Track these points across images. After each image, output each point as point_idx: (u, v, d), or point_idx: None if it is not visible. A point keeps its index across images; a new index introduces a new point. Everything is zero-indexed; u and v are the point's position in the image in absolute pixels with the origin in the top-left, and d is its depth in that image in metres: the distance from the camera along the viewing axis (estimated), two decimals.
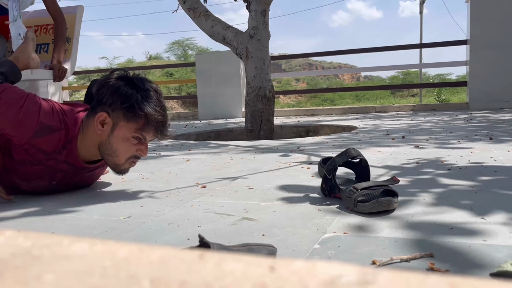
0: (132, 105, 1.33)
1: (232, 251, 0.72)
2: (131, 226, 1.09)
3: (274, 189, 1.42)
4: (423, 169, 1.61)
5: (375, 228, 0.96)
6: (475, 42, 5.20)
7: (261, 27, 3.68)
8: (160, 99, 1.40)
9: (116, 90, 1.34)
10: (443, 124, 3.52)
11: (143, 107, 1.33)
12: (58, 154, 1.40)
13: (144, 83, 1.38)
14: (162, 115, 1.38)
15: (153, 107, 1.35)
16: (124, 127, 1.35)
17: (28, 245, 0.23)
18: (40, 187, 1.48)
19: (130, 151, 1.38)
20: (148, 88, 1.37)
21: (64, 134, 1.38)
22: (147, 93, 1.35)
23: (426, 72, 23.97)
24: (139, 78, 1.40)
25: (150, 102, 1.35)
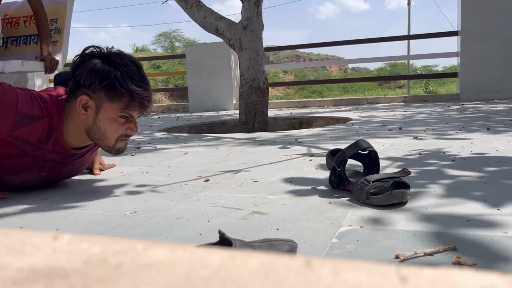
0: (113, 83, 1.24)
1: (255, 248, 0.70)
2: (138, 221, 1.06)
3: (279, 182, 1.39)
4: (427, 160, 1.61)
5: (391, 221, 0.94)
6: (466, 33, 5.23)
7: (255, 18, 3.64)
8: (141, 72, 1.30)
9: (93, 69, 1.25)
10: (436, 115, 3.53)
11: (125, 84, 1.24)
12: (44, 144, 1.33)
13: (122, 58, 1.28)
14: (145, 89, 1.29)
15: (136, 82, 1.26)
16: (109, 107, 1.27)
17: (97, 252, 0.21)
18: (30, 180, 1.42)
19: (119, 131, 1.31)
20: (127, 62, 1.27)
21: (47, 122, 1.30)
22: (127, 68, 1.26)
23: (413, 64, 24.15)
24: (115, 53, 1.30)
25: (132, 77, 1.26)
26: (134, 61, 1.30)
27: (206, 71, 6.42)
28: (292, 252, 0.74)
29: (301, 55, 40.08)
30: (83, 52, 1.31)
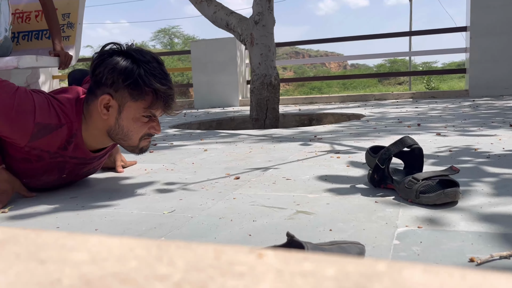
0: (136, 81, 1.18)
1: (326, 251, 0.66)
2: (179, 221, 1.02)
3: (314, 179, 1.36)
4: (460, 158, 1.57)
5: (448, 221, 0.90)
6: (475, 28, 5.18)
7: (266, 13, 3.59)
8: (164, 69, 1.25)
9: (115, 67, 1.19)
10: (450, 112, 3.49)
11: (149, 82, 1.19)
12: (63, 150, 1.27)
13: (144, 55, 1.22)
14: (169, 87, 1.23)
15: (159, 80, 1.21)
16: (132, 106, 1.22)
17: (337, 274, 0.17)
18: (49, 182, 1.37)
19: (142, 130, 1.26)
20: (149, 59, 1.22)
21: (66, 129, 1.24)
22: (150, 65, 1.20)
23: (413, 60, 24.11)
24: (137, 50, 1.24)
25: (155, 74, 1.20)
26: (156, 58, 1.25)
27: (211, 67, 6.37)
28: (361, 255, 0.70)
29: (300, 52, 40.03)
30: (103, 49, 1.24)
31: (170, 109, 1.27)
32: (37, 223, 1.07)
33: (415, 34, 6.93)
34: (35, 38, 2.71)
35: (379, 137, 2.25)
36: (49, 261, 0.21)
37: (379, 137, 2.25)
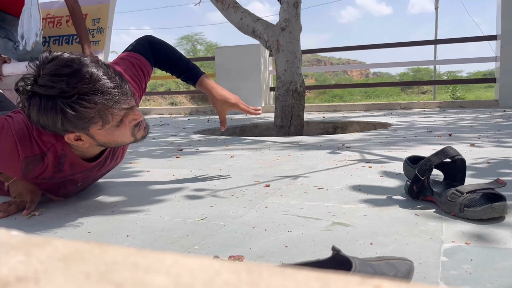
0: (69, 121, 1.01)
1: (374, 267, 0.62)
2: (211, 229, 0.99)
3: (347, 189, 1.31)
4: (500, 170, 1.50)
5: (498, 238, 0.85)
6: (506, 37, 5.05)
7: (293, 20, 3.57)
8: (79, 74, 0.99)
9: (41, 114, 1.00)
10: (481, 122, 3.39)
11: (81, 113, 1.00)
12: (59, 172, 1.20)
13: (52, 80, 0.98)
14: (105, 101, 1.01)
15: (91, 101, 1.00)
16: (94, 131, 1.07)
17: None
18: (71, 192, 1.34)
19: (126, 132, 1.12)
20: (60, 84, 0.98)
21: (51, 154, 1.15)
22: (67, 93, 0.98)
23: (437, 69, 23.72)
24: (45, 76, 0.99)
25: (82, 99, 0.99)
26: (71, 71, 0.99)
27: (235, 74, 6.38)
28: (411, 273, 0.66)
29: (322, 59, 39.91)
30: (18, 91, 1.03)
31: (128, 103, 1.08)
32: (68, 227, 1.05)
33: (442, 42, 6.80)
34: (65, 43, 2.75)
35: (409, 146, 2.19)
36: (126, 285, 0.18)
37: (410, 146, 2.19)
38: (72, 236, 0.98)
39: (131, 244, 0.92)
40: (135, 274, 0.19)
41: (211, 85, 1.51)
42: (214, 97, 1.51)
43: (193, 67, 1.51)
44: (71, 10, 2.48)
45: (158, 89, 19.06)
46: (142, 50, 1.43)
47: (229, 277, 0.19)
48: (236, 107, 1.52)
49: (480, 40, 5.67)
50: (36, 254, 0.22)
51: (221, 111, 1.54)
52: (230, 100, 1.52)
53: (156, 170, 1.78)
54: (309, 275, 0.18)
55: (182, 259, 0.21)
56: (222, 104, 1.52)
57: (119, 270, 0.19)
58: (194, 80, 1.50)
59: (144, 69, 1.41)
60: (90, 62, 1.02)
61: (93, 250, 0.22)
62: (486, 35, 5.56)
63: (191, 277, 0.19)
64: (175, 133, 3.54)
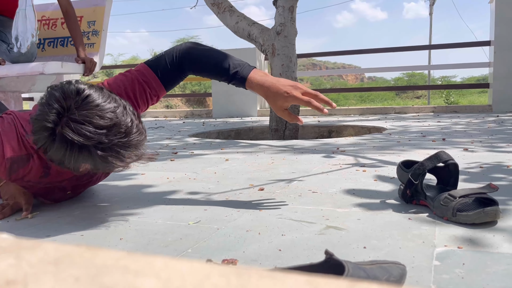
0: (97, 163, 0.97)
1: (367, 271, 0.62)
2: (205, 232, 0.99)
3: (341, 193, 1.32)
4: (492, 175, 1.51)
5: (490, 243, 0.86)
6: (499, 43, 5.09)
7: (289, 24, 3.58)
8: (122, 130, 0.97)
9: (68, 155, 0.95)
10: (475, 127, 3.41)
11: (113, 164, 0.98)
12: (45, 177, 1.18)
13: (88, 129, 0.93)
14: (137, 155, 1.01)
15: (125, 155, 0.98)
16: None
17: None
18: (59, 199, 1.31)
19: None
20: (97, 134, 0.93)
21: (37, 158, 1.13)
22: (103, 143, 0.94)
23: (431, 74, 23.84)
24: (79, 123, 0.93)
25: (117, 151, 0.96)
26: (110, 123, 0.95)
27: None
28: (403, 277, 0.66)
29: (318, 64, 40.00)
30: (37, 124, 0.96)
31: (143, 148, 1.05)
32: (61, 230, 1.05)
33: (436, 47, 6.84)
34: (60, 45, 2.74)
35: (404, 151, 2.19)
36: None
37: (404, 151, 2.19)
38: (65, 239, 0.98)
39: (124, 247, 0.92)
40: (125, 278, 0.19)
41: (258, 81, 1.18)
42: (265, 96, 1.18)
43: (235, 72, 1.21)
44: (64, 12, 2.47)
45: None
46: (163, 67, 1.25)
47: (218, 281, 0.19)
48: (291, 100, 1.14)
49: (474, 46, 5.71)
50: (27, 257, 0.22)
51: (277, 110, 1.18)
52: (280, 92, 1.15)
53: (151, 173, 1.78)
54: (299, 279, 0.18)
55: (173, 262, 0.21)
56: (275, 101, 1.16)
57: (109, 274, 0.20)
58: (242, 85, 1.22)
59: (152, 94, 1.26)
60: (121, 109, 0.98)
61: (84, 253, 0.22)
62: (480, 41, 5.61)
63: (181, 281, 0.19)
64: (170, 136, 3.53)
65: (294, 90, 1.14)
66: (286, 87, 1.15)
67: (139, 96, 1.23)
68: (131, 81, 1.22)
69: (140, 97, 1.23)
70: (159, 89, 1.26)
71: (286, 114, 1.18)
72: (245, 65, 1.22)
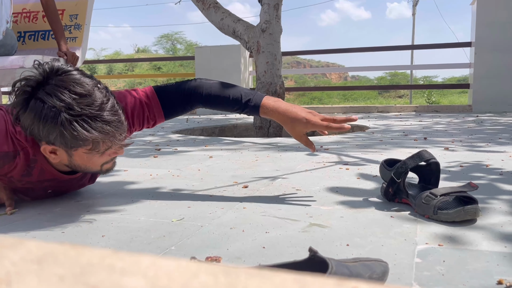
0: (63, 136, 0.98)
1: (350, 269, 0.62)
2: (189, 230, 0.98)
3: (325, 191, 1.33)
4: (472, 174, 1.54)
5: (469, 240, 0.87)
6: (480, 44, 5.19)
7: (274, 21, 3.58)
8: (96, 103, 0.98)
9: (37, 120, 0.97)
10: (455, 126, 3.47)
11: (78, 133, 0.97)
12: (28, 176, 1.16)
13: (62, 93, 0.96)
14: (106, 131, 1.00)
15: (93, 127, 0.98)
16: (77, 152, 1.04)
17: None
18: (40, 197, 1.29)
19: (101, 160, 1.09)
20: (69, 99, 0.96)
21: (23, 156, 1.11)
22: (77, 108, 0.96)
23: (414, 74, 24.16)
24: (55, 86, 0.96)
25: (85, 121, 0.97)
26: (86, 92, 0.98)
27: (215, 74, 6.36)
28: (386, 274, 0.67)
29: (302, 62, 40.13)
30: (16, 91, 1.00)
31: (120, 145, 1.08)
32: (41, 227, 1.03)
33: (419, 48, 6.94)
34: (41, 38, 2.69)
35: (386, 149, 2.22)
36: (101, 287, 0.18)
37: (386, 149, 2.22)
38: (45, 237, 0.96)
39: (107, 244, 0.91)
40: (111, 277, 0.19)
41: (273, 107, 1.20)
42: (282, 122, 1.20)
43: (247, 100, 1.22)
44: (44, 5, 2.42)
45: (136, 87, 18.84)
46: (169, 96, 1.25)
47: (206, 279, 0.18)
48: (310, 126, 1.17)
49: (455, 47, 5.81)
50: (9, 255, 0.21)
51: (295, 135, 1.21)
52: (299, 118, 1.17)
53: (133, 170, 1.76)
54: (287, 277, 0.18)
55: (159, 261, 0.21)
56: (294, 127, 1.19)
57: (94, 273, 0.19)
58: (256, 113, 1.23)
59: (149, 118, 1.26)
60: (101, 88, 1.02)
61: (68, 252, 0.22)
62: (461, 42, 5.70)
63: (168, 279, 0.19)
64: (153, 132, 3.50)
65: (313, 116, 1.18)
66: (304, 113, 1.19)
67: (136, 116, 1.23)
68: (134, 99, 1.23)
69: (137, 117, 1.23)
70: (158, 115, 1.26)
71: (304, 140, 1.22)
72: (256, 93, 1.25)
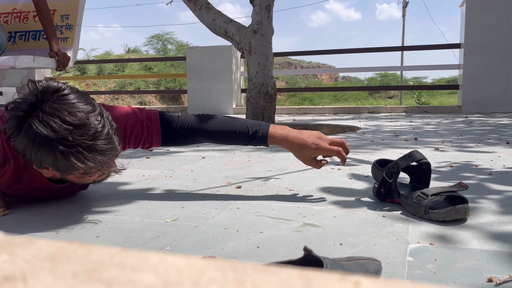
0: (56, 164, 0.96)
1: (344, 267, 0.64)
2: (183, 230, 0.99)
3: (317, 191, 1.34)
4: (462, 173, 1.57)
5: (460, 239, 0.89)
6: (469, 46, 5.25)
7: (265, 22, 3.59)
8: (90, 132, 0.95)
9: (30, 147, 0.95)
10: (445, 127, 3.51)
11: (72, 164, 0.95)
12: (17, 183, 1.15)
13: (55, 122, 0.92)
14: (100, 161, 0.97)
15: (87, 157, 0.95)
16: (69, 175, 1.03)
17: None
18: (32, 198, 1.28)
19: (93, 178, 1.07)
20: (63, 130, 0.92)
21: (13, 163, 1.10)
22: (66, 139, 0.93)
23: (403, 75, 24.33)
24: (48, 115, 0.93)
25: (79, 152, 0.94)
26: (78, 122, 0.94)
27: (206, 74, 6.36)
28: (379, 272, 0.68)
29: (293, 62, 40.21)
30: (10, 113, 0.96)
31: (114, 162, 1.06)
32: (35, 228, 1.03)
33: (408, 49, 7.00)
34: (32, 38, 2.67)
35: (377, 150, 2.24)
36: (115, 283, 0.19)
37: (377, 150, 2.24)
38: (39, 238, 0.96)
39: (101, 245, 0.91)
40: (123, 273, 0.20)
41: (281, 135, 1.24)
42: (291, 148, 1.25)
43: (254, 131, 1.24)
44: (36, 4, 2.40)
45: (127, 88, 18.73)
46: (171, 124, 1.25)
47: (215, 275, 0.19)
48: (320, 151, 1.23)
49: (445, 48, 5.86)
50: (20, 254, 0.22)
51: (305, 160, 1.26)
52: (308, 144, 1.22)
53: (126, 171, 1.76)
54: (292, 272, 0.19)
55: (168, 257, 0.22)
56: (303, 153, 1.24)
57: (106, 269, 0.20)
58: (264, 143, 1.26)
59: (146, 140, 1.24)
60: (96, 114, 0.98)
61: (78, 249, 0.23)
62: (450, 43, 5.77)
63: (179, 275, 0.19)
64: None
65: (322, 141, 1.23)
66: (312, 139, 1.23)
67: (134, 135, 1.22)
68: (137, 119, 1.22)
69: (134, 136, 1.22)
70: (156, 139, 1.24)
71: (314, 163, 1.26)
72: (261, 123, 1.27)
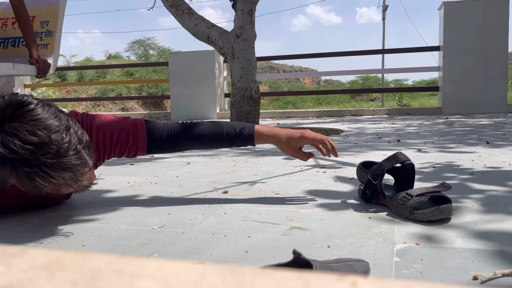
0: (22, 184, 0.93)
1: (333, 269, 0.64)
2: (170, 236, 0.98)
3: (303, 194, 1.35)
4: (444, 174, 1.59)
5: (445, 238, 0.91)
6: (447, 48, 5.35)
7: (248, 27, 3.61)
8: (53, 150, 0.90)
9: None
10: (426, 128, 3.57)
11: (36, 183, 0.91)
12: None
13: (15, 144, 0.87)
14: (66, 177, 0.93)
15: (51, 175, 0.91)
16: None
17: None
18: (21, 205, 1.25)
19: (68, 191, 1.02)
20: (24, 150, 0.87)
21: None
22: (29, 160, 0.89)
23: (385, 77, 24.63)
24: (7, 136, 0.88)
25: (43, 171, 0.90)
26: (39, 141, 0.89)
27: (189, 79, 6.34)
28: (367, 273, 0.69)
29: (275, 66, 40.38)
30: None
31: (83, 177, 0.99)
32: (19, 238, 1.01)
33: (389, 52, 7.09)
34: (11, 45, 2.63)
35: (361, 152, 2.27)
36: None
37: (361, 152, 2.27)
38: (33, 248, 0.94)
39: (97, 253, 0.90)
40: (122, 280, 0.20)
41: (266, 131, 1.28)
42: (277, 142, 1.28)
43: (240, 130, 1.27)
44: (15, 10, 2.37)
45: (109, 94, 18.54)
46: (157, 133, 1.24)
47: (214, 279, 0.20)
48: (305, 140, 1.27)
49: (424, 51, 5.97)
50: (16, 264, 0.22)
51: (290, 151, 1.29)
52: (293, 134, 1.28)
53: (110, 178, 1.74)
54: (290, 275, 0.20)
55: (166, 264, 0.22)
56: (288, 145, 1.28)
57: (105, 277, 0.20)
58: (250, 141, 1.28)
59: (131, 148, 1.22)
60: (62, 129, 0.93)
61: (74, 258, 0.22)
62: (430, 46, 5.87)
63: (178, 281, 0.19)
64: None
65: (306, 132, 1.28)
66: (297, 132, 1.29)
67: (120, 143, 1.20)
68: (121, 128, 1.20)
69: (120, 144, 1.20)
70: (141, 146, 1.23)
71: (301, 154, 1.30)
72: (246, 124, 1.30)
